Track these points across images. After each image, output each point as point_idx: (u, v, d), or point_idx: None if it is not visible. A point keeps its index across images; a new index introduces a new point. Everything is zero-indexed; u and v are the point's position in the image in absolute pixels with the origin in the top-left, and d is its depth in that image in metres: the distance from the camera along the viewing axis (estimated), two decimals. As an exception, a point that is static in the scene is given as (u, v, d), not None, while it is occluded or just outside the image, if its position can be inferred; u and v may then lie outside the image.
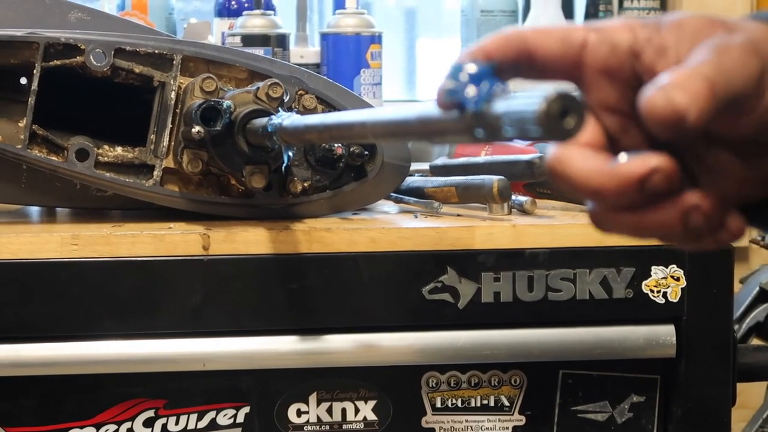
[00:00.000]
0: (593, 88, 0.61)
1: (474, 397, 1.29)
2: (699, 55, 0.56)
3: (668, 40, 0.59)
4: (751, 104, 0.57)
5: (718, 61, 0.56)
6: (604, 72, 0.60)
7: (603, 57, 0.59)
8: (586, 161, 0.58)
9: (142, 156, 1.27)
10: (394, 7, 2.70)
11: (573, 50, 0.60)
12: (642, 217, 0.59)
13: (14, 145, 1.24)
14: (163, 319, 1.22)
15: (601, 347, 1.28)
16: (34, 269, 1.20)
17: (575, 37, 0.60)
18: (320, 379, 1.27)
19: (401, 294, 1.25)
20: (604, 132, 0.61)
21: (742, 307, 1.61)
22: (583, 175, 0.58)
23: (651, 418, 1.31)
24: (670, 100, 0.54)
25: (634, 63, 0.59)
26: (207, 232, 1.22)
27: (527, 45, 0.60)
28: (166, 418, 1.25)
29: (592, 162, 0.58)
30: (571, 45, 0.60)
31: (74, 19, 1.29)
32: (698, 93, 0.54)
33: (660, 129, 0.55)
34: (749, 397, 1.69)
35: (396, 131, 0.73)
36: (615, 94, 0.60)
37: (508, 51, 0.60)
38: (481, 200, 1.34)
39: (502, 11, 2.09)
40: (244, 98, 1.20)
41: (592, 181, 0.58)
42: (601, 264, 1.27)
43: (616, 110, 0.61)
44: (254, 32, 1.88)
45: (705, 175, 0.61)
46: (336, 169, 1.29)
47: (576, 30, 0.60)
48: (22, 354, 1.22)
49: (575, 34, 0.60)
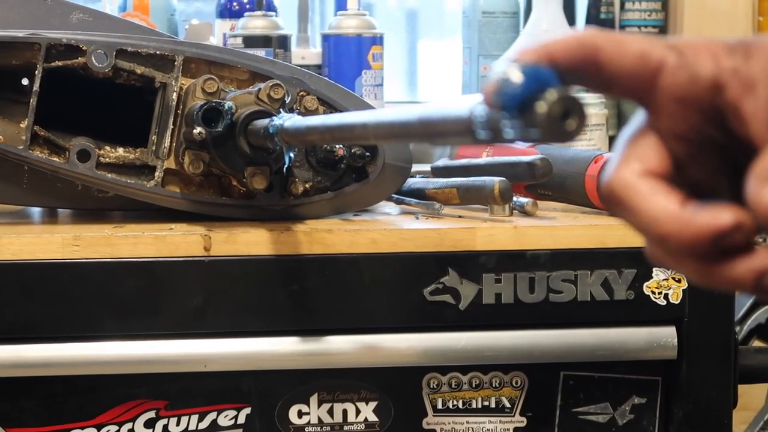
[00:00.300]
0: (664, 113, 0.55)
1: (475, 398, 1.29)
2: None
3: (757, 72, 0.53)
4: None
5: None
6: (679, 100, 0.55)
7: (681, 85, 0.54)
8: (656, 198, 0.54)
9: (143, 157, 1.27)
10: (396, 8, 2.70)
11: (648, 70, 0.55)
12: (711, 269, 0.54)
13: (16, 146, 1.24)
14: (165, 319, 1.23)
15: (602, 349, 1.28)
16: (36, 270, 1.20)
17: (654, 55, 0.55)
18: (321, 380, 1.27)
19: (402, 295, 1.25)
20: (672, 160, 0.56)
21: (743, 309, 1.61)
22: (652, 215, 0.54)
23: (652, 419, 1.31)
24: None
25: (716, 96, 0.54)
26: (208, 233, 1.22)
27: (599, 54, 0.55)
28: (167, 419, 1.25)
29: (662, 201, 0.54)
30: (648, 64, 0.55)
31: (76, 20, 1.29)
32: None
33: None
34: (750, 399, 1.69)
35: (397, 133, 0.73)
36: (688, 124, 0.55)
37: (576, 56, 0.55)
38: (483, 202, 1.34)
39: (504, 12, 2.09)
40: (245, 99, 1.20)
41: (661, 225, 0.53)
42: (602, 265, 1.26)
43: (687, 139, 0.56)
44: (256, 33, 1.88)
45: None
46: (337, 170, 1.30)
47: (655, 47, 0.55)
48: (23, 355, 1.22)
49: (654, 51, 0.55)
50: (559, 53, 0.55)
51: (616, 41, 0.55)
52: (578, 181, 1.34)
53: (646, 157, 0.56)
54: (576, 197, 1.36)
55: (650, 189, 0.54)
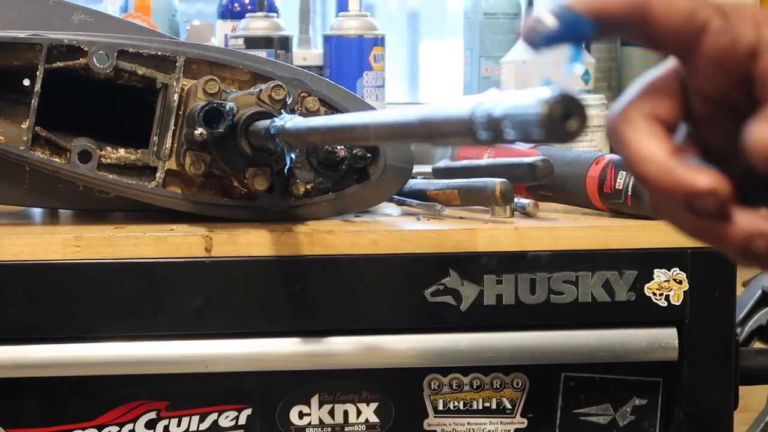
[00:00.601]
0: (698, 72, 0.57)
1: (476, 399, 1.29)
2: None
3: None
4: None
5: None
6: (715, 61, 0.56)
7: (720, 48, 0.56)
8: (648, 140, 0.56)
9: (144, 158, 1.27)
10: (397, 9, 2.70)
11: (693, 30, 0.56)
12: (702, 224, 0.56)
13: (17, 147, 1.24)
14: (166, 320, 1.23)
15: (603, 350, 1.28)
16: (37, 271, 1.20)
17: (700, 16, 0.56)
18: (322, 381, 1.27)
19: (403, 296, 1.25)
20: (683, 112, 0.58)
21: (744, 310, 1.61)
22: (639, 154, 0.56)
23: (653, 420, 1.31)
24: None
25: (750, 63, 0.55)
26: (209, 234, 1.22)
27: (648, 8, 0.56)
28: (168, 420, 1.25)
29: (653, 144, 0.56)
30: (694, 24, 0.56)
31: (77, 21, 1.29)
32: None
33: (763, 167, 0.52)
34: (751, 401, 1.68)
35: (399, 133, 0.73)
36: (719, 86, 0.57)
37: (626, 9, 0.56)
38: (484, 203, 1.34)
39: (505, 14, 2.09)
40: (246, 100, 1.20)
41: (644, 166, 0.55)
42: (603, 267, 1.26)
43: (712, 99, 0.57)
44: (257, 34, 1.88)
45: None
46: (338, 171, 1.30)
47: (702, 8, 0.56)
48: (24, 355, 1.22)
49: (701, 12, 0.56)
50: (610, 5, 0.56)
51: (667, 1, 0.56)
52: (579, 182, 1.34)
53: (658, 103, 0.57)
54: (577, 198, 1.36)
55: (647, 130, 0.56)
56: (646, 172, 0.55)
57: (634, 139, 0.56)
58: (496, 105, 0.57)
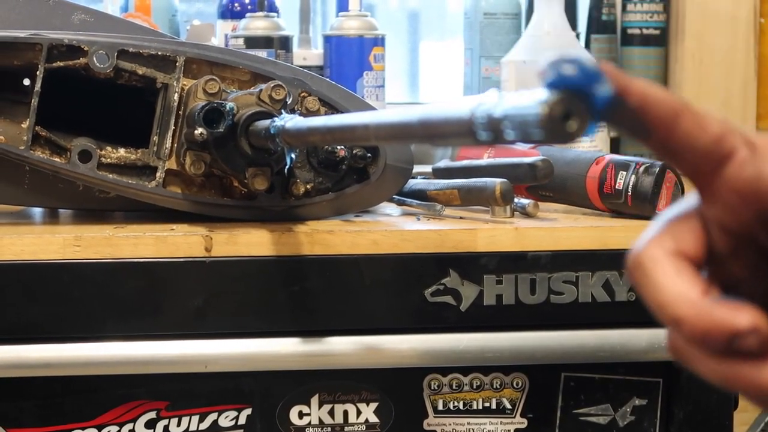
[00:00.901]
0: (717, 201, 0.54)
1: (476, 399, 1.29)
2: None
3: None
4: None
5: None
6: (739, 194, 0.53)
7: (745, 180, 0.53)
8: (679, 280, 0.53)
9: (144, 158, 1.27)
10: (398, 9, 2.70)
11: (719, 156, 0.53)
12: (731, 369, 0.52)
13: (17, 147, 1.24)
14: (165, 320, 1.23)
15: (603, 350, 1.28)
16: (37, 270, 1.20)
17: (728, 142, 0.53)
18: (322, 381, 1.27)
19: (403, 296, 1.25)
20: (707, 247, 0.55)
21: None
22: (671, 295, 0.52)
23: (653, 421, 1.31)
24: None
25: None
26: (209, 234, 1.22)
27: (680, 117, 0.52)
28: (168, 420, 1.25)
29: (685, 284, 0.52)
30: (721, 149, 0.53)
31: (77, 21, 1.29)
32: None
33: None
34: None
35: (399, 134, 0.73)
36: (740, 219, 0.54)
37: (658, 101, 0.52)
38: (484, 203, 1.34)
39: (505, 14, 2.09)
40: (246, 100, 1.20)
41: (678, 308, 0.52)
42: (603, 267, 1.26)
43: (734, 234, 0.54)
44: (257, 34, 1.88)
45: None
46: (338, 171, 1.30)
47: (732, 134, 0.53)
48: (24, 355, 1.22)
49: (730, 138, 0.53)
50: (641, 89, 0.52)
51: (699, 117, 0.53)
52: (579, 182, 1.35)
53: (682, 239, 0.54)
54: (577, 198, 1.36)
55: (676, 269, 0.53)
56: (680, 315, 0.52)
57: (662, 280, 0.53)
58: (496, 105, 0.57)
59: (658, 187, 1.30)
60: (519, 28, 2.11)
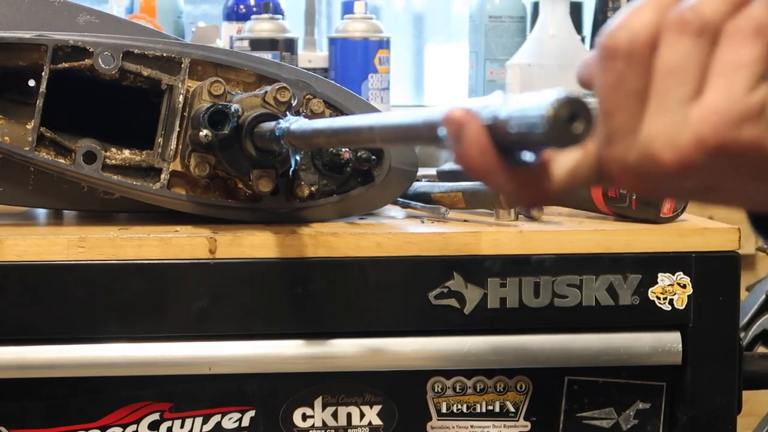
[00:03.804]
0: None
1: (479, 402, 1.29)
2: None
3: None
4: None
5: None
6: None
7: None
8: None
9: (149, 159, 1.27)
10: (403, 12, 2.70)
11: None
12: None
13: (22, 148, 1.25)
14: (169, 322, 1.23)
15: (607, 354, 1.28)
16: (41, 271, 1.20)
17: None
18: (326, 383, 1.27)
19: (407, 299, 1.25)
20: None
21: (748, 314, 1.61)
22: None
23: (656, 425, 1.31)
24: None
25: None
26: (213, 236, 1.22)
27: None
28: (172, 422, 1.25)
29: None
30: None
31: (83, 22, 1.29)
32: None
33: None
34: (754, 405, 1.68)
35: (404, 135, 0.73)
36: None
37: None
38: (488, 206, 1.34)
39: (511, 17, 2.09)
40: (251, 102, 1.20)
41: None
42: (607, 270, 1.26)
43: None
44: (262, 36, 1.88)
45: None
46: (343, 173, 1.30)
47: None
48: (28, 356, 1.22)
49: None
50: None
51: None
52: (584, 185, 1.34)
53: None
54: (582, 202, 1.36)
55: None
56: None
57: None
58: (501, 107, 0.57)
59: (662, 190, 1.30)
60: (524, 31, 2.11)
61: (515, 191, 0.59)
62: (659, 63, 0.54)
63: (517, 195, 0.59)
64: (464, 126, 0.59)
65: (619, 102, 0.55)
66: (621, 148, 0.55)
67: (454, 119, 0.59)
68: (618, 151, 0.55)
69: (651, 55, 0.54)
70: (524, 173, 0.58)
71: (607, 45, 0.56)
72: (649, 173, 0.55)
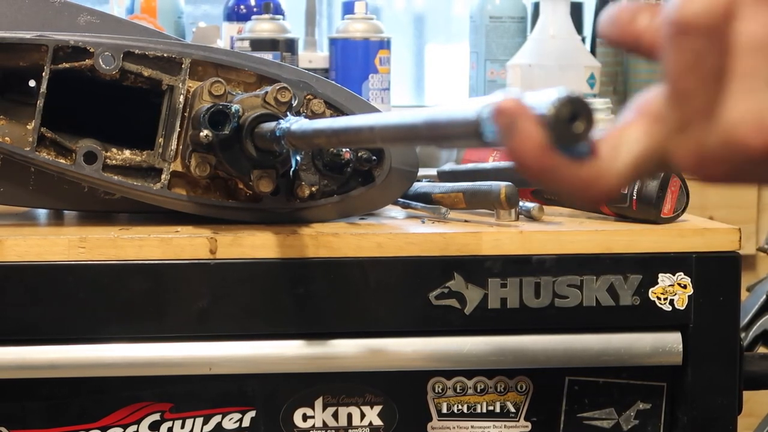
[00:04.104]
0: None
1: (480, 402, 1.29)
2: None
3: None
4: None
5: None
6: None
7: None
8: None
9: (150, 159, 1.27)
10: (403, 12, 2.70)
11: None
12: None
13: (22, 148, 1.25)
14: (170, 322, 1.23)
15: (607, 354, 1.28)
16: (41, 272, 1.20)
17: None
18: (326, 383, 1.27)
19: (408, 299, 1.25)
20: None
21: (748, 315, 1.61)
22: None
23: (657, 425, 1.31)
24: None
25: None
26: (214, 236, 1.22)
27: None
28: (172, 422, 1.25)
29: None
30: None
31: (83, 22, 1.29)
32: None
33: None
34: (755, 406, 1.68)
35: (404, 136, 0.73)
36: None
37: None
38: (489, 206, 1.34)
39: (511, 17, 2.09)
40: (252, 102, 1.20)
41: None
42: (608, 271, 1.26)
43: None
44: (263, 37, 1.88)
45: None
46: (344, 173, 1.30)
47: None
48: (28, 356, 1.22)
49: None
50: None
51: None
52: (584, 186, 1.34)
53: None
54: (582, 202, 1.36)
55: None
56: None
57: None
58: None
59: (662, 191, 1.30)
60: (524, 31, 2.11)
61: (579, 188, 0.55)
62: (743, 37, 0.49)
63: (582, 192, 0.55)
64: (517, 118, 0.54)
65: (696, 84, 0.50)
66: (698, 134, 0.51)
67: (505, 110, 0.54)
68: (694, 138, 0.51)
69: (730, 29, 0.50)
70: (584, 168, 0.54)
71: (678, 19, 0.50)
72: (732, 160, 0.51)
